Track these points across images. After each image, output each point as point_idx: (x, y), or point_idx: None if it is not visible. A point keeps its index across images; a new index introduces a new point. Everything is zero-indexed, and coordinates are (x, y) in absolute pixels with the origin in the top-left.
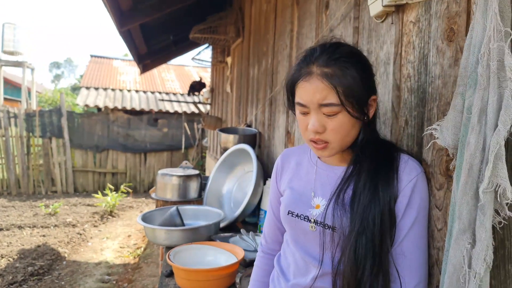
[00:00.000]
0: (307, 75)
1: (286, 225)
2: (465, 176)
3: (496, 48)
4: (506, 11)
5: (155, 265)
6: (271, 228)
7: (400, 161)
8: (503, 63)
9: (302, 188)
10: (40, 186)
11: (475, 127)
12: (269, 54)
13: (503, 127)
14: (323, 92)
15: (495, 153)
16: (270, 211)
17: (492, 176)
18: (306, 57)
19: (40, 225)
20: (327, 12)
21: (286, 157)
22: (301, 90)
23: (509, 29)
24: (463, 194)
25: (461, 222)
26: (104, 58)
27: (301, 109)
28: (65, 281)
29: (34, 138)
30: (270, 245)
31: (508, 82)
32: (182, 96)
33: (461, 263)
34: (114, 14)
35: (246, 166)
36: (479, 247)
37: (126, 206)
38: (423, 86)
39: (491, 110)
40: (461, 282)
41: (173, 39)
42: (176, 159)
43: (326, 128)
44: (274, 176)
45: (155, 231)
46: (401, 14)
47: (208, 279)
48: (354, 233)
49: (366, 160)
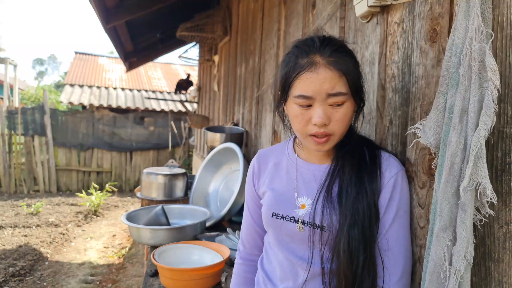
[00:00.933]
0: (312, 66)
1: (269, 228)
2: (446, 174)
3: (477, 49)
4: (487, 12)
5: (140, 265)
6: (250, 232)
7: (382, 158)
8: (484, 64)
9: (284, 189)
10: (22, 185)
11: (457, 126)
12: (256, 53)
13: (483, 126)
14: (332, 81)
15: (476, 152)
16: (248, 215)
17: (472, 175)
18: (304, 48)
19: (21, 225)
20: (313, 12)
21: (262, 158)
22: (305, 82)
23: (490, 31)
24: (444, 192)
25: (442, 220)
26: (89, 55)
27: (303, 102)
28: (47, 282)
29: (16, 136)
30: (249, 251)
31: (489, 82)
32: (169, 94)
33: (442, 260)
34: (99, 11)
35: (233, 165)
36: (460, 245)
37: (111, 205)
38: (407, 86)
39: (472, 110)
40: (441, 278)
41: (160, 37)
42: (163, 158)
43: (331, 120)
44: (250, 179)
45: (140, 231)
46: (386, 14)
47: (193, 279)
48: (346, 226)
49: (350, 156)
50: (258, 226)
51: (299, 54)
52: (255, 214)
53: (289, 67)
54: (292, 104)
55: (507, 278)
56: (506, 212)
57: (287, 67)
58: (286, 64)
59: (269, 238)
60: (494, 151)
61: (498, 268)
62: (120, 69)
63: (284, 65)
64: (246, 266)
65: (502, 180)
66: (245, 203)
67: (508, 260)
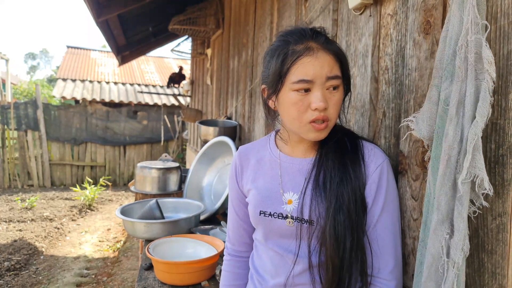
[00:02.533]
0: (310, 50)
1: (258, 225)
2: (443, 167)
3: (473, 40)
4: (481, 4)
5: (135, 258)
6: (236, 230)
7: (365, 148)
8: (480, 55)
9: (269, 185)
10: (16, 180)
11: (453, 119)
12: (249, 46)
13: (480, 118)
14: (330, 64)
15: (474, 144)
16: (233, 213)
17: (470, 167)
18: (297, 36)
19: (16, 220)
20: (306, 4)
21: (243, 155)
22: (305, 65)
23: (486, 22)
24: (441, 185)
25: (440, 213)
26: (81, 49)
27: (303, 86)
28: (43, 276)
29: (9, 131)
30: (237, 248)
31: (485, 74)
32: (161, 88)
33: (440, 253)
34: (90, 4)
35: (227, 158)
36: (457, 237)
37: (105, 199)
38: (400, 79)
39: (469, 102)
40: (440, 272)
41: (152, 30)
42: (156, 152)
43: (329, 104)
44: (233, 176)
45: (134, 224)
46: (379, 6)
47: (188, 272)
48: (332, 211)
49: (332, 146)
50: (244, 223)
51: (293, 41)
52: (240, 211)
53: (284, 54)
54: (289, 92)
55: (500, 269)
56: (499, 204)
57: (281, 55)
58: (278, 53)
59: (258, 235)
60: (488, 143)
61: (491, 259)
62: (112, 63)
63: (277, 54)
64: (236, 262)
65: (496, 172)
66: (229, 201)
67: (501, 251)
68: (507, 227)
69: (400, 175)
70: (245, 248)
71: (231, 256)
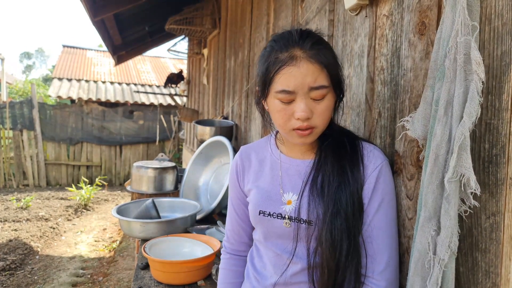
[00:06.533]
0: (292, 60)
1: (257, 225)
2: (431, 166)
3: (463, 41)
4: (475, 5)
5: (131, 258)
6: (235, 229)
7: (364, 149)
8: (469, 57)
9: (269, 185)
10: (11, 180)
11: (442, 118)
12: (246, 46)
13: (468, 118)
14: (314, 75)
15: (460, 143)
16: (233, 213)
17: (456, 166)
18: (283, 42)
19: (11, 219)
20: (303, 5)
21: (245, 155)
22: (287, 77)
23: (476, 23)
24: (429, 183)
25: (427, 210)
26: (77, 48)
27: (285, 97)
28: (38, 276)
29: (4, 130)
30: (235, 247)
31: (474, 75)
32: (158, 88)
33: (426, 249)
34: (86, 3)
35: (223, 158)
36: (444, 234)
37: (101, 199)
38: (396, 79)
39: (457, 102)
40: (426, 267)
41: (149, 30)
42: (152, 152)
43: (313, 113)
44: (234, 176)
45: (130, 224)
46: (375, 7)
47: (184, 271)
48: (329, 215)
49: (331, 148)
50: (243, 222)
51: (278, 48)
52: (240, 211)
53: (268, 62)
54: (274, 99)
55: (493, 268)
56: (493, 203)
57: (266, 62)
58: (265, 59)
59: (258, 235)
60: (482, 143)
61: (485, 258)
62: (108, 63)
63: (264, 61)
64: (234, 260)
65: (489, 172)
66: (229, 200)
67: (494, 250)
68: (500, 226)
69: (395, 174)
70: (243, 247)
71: (230, 255)
